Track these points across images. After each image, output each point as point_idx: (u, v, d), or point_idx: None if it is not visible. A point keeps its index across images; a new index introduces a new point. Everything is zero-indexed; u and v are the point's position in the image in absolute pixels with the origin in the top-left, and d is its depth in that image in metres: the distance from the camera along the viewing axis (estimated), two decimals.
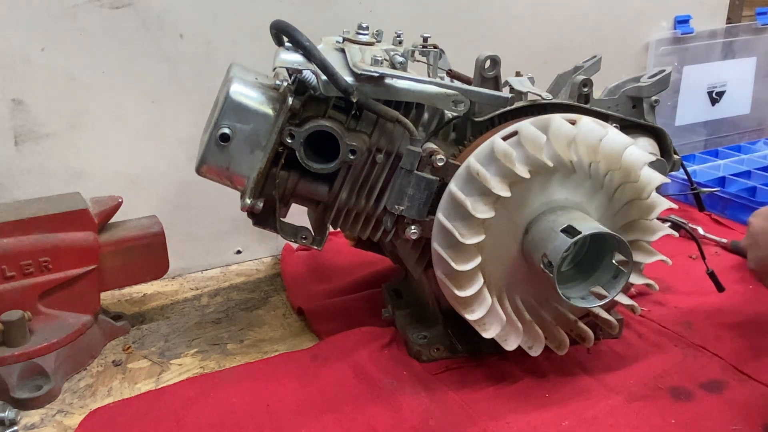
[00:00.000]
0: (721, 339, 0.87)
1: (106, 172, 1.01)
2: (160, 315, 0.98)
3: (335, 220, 0.79)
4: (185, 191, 1.06)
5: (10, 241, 0.80)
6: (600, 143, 0.70)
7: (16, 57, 0.92)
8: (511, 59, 0.81)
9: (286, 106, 0.71)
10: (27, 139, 0.96)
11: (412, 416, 0.73)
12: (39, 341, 0.79)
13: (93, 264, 0.85)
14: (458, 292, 0.72)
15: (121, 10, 0.96)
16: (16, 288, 0.80)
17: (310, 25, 0.76)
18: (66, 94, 0.96)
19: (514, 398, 0.76)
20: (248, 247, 1.15)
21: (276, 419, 0.73)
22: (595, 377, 0.80)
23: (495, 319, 0.74)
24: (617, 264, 0.71)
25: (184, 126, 1.02)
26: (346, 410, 0.74)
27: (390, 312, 0.90)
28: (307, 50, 0.69)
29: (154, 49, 0.99)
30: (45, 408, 0.77)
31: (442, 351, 0.83)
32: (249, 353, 0.88)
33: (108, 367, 0.85)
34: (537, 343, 0.77)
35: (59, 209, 0.83)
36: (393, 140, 0.75)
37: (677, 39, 1.49)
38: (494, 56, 0.76)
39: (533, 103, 0.77)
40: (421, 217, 0.74)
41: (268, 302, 1.01)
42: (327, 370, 0.81)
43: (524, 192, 0.72)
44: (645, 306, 0.93)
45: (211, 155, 0.73)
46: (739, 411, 0.73)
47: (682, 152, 0.88)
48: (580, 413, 0.74)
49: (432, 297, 0.86)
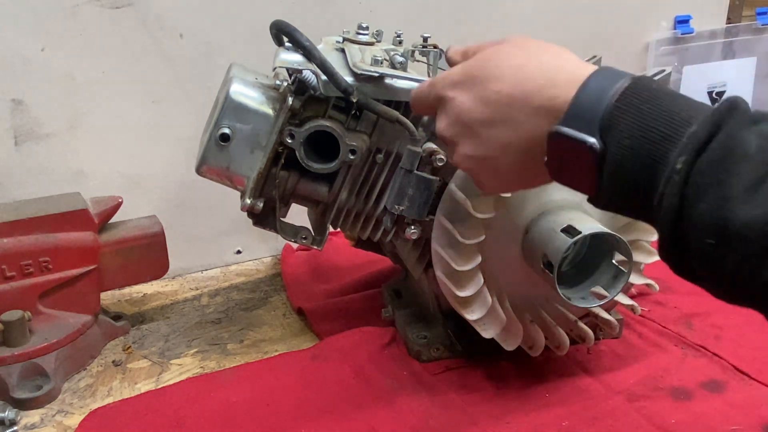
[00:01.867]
0: (721, 339, 0.87)
1: (106, 172, 1.01)
2: (160, 315, 0.98)
3: (335, 220, 0.79)
4: (185, 191, 1.06)
5: (10, 241, 0.80)
6: None
7: (16, 57, 0.92)
8: None
9: (286, 106, 0.71)
10: (27, 139, 0.96)
11: (412, 416, 0.73)
12: (39, 341, 0.79)
13: (93, 264, 0.85)
14: (458, 292, 0.72)
15: (121, 10, 0.96)
16: (16, 288, 0.80)
17: (310, 25, 0.75)
18: (66, 94, 0.96)
19: (514, 398, 0.76)
20: (248, 247, 1.15)
21: (276, 419, 0.73)
22: (595, 377, 0.80)
23: (495, 319, 0.74)
24: (617, 264, 0.71)
25: (184, 126, 1.02)
26: (346, 410, 0.74)
27: (390, 312, 0.90)
28: (307, 50, 0.69)
29: (154, 49, 0.99)
30: (45, 408, 0.77)
31: (442, 351, 0.83)
32: (249, 353, 0.88)
33: (108, 367, 0.85)
34: (537, 343, 0.77)
35: (59, 209, 0.83)
36: (393, 140, 0.75)
37: (677, 39, 1.49)
38: None
39: None
40: (421, 217, 0.74)
41: (268, 302, 1.01)
42: (327, 370, 0.81)
43: (524, 192, 0.72)
44: (645, 306, 0.93)
45: (211, 155, 0.73)
46: (739, 411, 0.73)
47: None
48: (580, 413, 0.74)
49: (432, 297, 0.86)
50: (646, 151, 0.40)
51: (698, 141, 0.39)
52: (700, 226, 0.38)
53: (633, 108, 0.42)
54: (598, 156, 0.42)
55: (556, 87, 0.46)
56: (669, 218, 0.40)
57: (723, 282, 0.40)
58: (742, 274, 0.38)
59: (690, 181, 0.39)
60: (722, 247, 0.38)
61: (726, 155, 0.38)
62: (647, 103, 0.41)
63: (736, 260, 0.37)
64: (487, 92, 0.49)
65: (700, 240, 0.39)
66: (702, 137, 0.39)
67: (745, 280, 0.38)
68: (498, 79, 0.48)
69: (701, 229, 0.38)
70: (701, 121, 0.40)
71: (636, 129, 0.41)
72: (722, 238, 0.37)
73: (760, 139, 0.38)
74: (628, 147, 0.41)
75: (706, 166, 0.38)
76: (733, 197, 0.37)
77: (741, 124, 0.39)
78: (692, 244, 0.39)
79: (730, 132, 0.39)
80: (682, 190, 0.39)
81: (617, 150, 0.42)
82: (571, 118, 0.44)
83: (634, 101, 0.42)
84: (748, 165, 0.37)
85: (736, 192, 0.37)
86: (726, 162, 0.38)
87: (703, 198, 0.38)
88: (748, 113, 0.40)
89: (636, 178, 0.41)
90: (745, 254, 0.37)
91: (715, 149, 0.38)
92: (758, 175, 0.37)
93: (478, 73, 0.50)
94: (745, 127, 0.39)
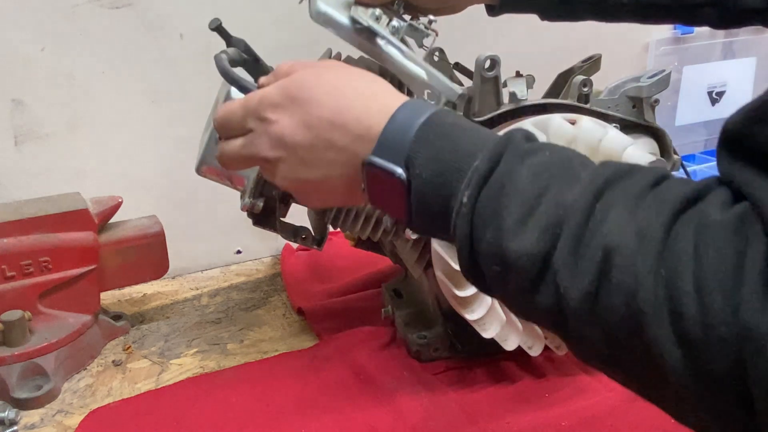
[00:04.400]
0: None
1: (106, 172, 1.01)
2: (160, 315, 0.98)
3: (335, 219, 0.79)
4: (185, 191, 1.06)
5: (10, 241, 0.80)
6: (600, 143, 0.70)
7: (16, 57, 0.92)
8: (511, 59, 0.81)
9: None
10: (27, 139, 0.96)
11: (412, 416, 0.73)
12: (39, 341, 0.79)
13: (93, 264, 0.85)
14: (458, 292, 0.72)
15: (121, 10, 0.96)
16: (16, 288, 0.80)
17: (310, 25, 0.75)
18: (66, 94, 0.96)
19: (514, 398, 0.76)
20: (248, 247, 1.15)
21: (276, 419, 0.73)
22: (595, 377, 0.80)
23: (495, 318, 0.74)
24: None
25: (184, 126, 1.02)
26: (346, 410, 0.74)
27: (390, 312, 0.90)
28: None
29: (154, 49, 0.99)
30: (45, 408, 0.77)
31: (442, 351, 0.83)
32: (249, 353, 0.88)
33: (108, 367, 0.85)
34: (537, 343, 0.77)
35: (59, 209, 0.83)
36: None
37: (677, 39, 1.49)
38: (494, 56, 0.76)
39: (533, 103, 0.77)
40: None
41: (268, 302, 1.01)
42: (327, 370, 0.81)
43: None
44: None
45: (211, 155, 0.73)
46: None
47: (682, 152, 0.88)
48: (580, 413, 0.73)
49: (432, 297, 0.86)
50: (440, 184, 0.43)
51: (480, 176, 0.42)
52: (487, 254, 0.41)
53: (428, 143, 0.44)
54: (406, 186, 0.45)
55: (370, 117, 0.47)
56: (464, 245, 0.43)
57: (510, 303, 0.44)
58: (522, 298, 0.41)
59: (475, 213, 0.42)
60: (505, 274, 0.41)
61: (500, 190, 0.41)
62: (441, 139, 0.44)
63: (515, 287, 0.41)
64: (310, 117, 0.49)
65: (488, 267, 0.42)
66: (483, 171, 0.42)
67: (525, 304, 0.41)
68: (319, 104, 0.49)
69: (487, 257, 0.41)
70: (482, 156, 0.42)
71: (432, 162, 0.44)
72: (503, 266, 0.40)
73: (530, 173, 0.40)
74: (426, 180, 0.44)
75: (486, 201, 0.41)
76: (506, 229, 0.39)
77: (516, 157, 0.42)
78: (483, 269, 0.42)
79: (505, 167, 0.41)
80: (471, 221, 0.42)
81: (418, 182, 0.44)
82: (381, 149, 0.46)
83: (430, 136, 0.44)
84: (519, 199, 0.40)
85: (509, 225, 0.39)
86: (501, 197, 0.40)
87: (486, 229, 0.41)
88: (522, 146, 0.43)
89: (436, 208, 0.44)
90: (520, 281, 0.40)
91: (492, 184, 0.41)
92: (526, 209, 0.39)
93: (298, 95, 0.50)
94: (518, 161, 0.41)
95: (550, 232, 0.38)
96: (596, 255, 0.36)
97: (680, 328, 0.33)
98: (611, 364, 0.39)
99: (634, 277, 0.35)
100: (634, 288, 0.35)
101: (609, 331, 0.37)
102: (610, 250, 0.36)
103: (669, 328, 0.34)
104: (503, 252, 0.40)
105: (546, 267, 0.38)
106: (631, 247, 0.35)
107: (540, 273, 0.39)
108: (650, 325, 0.34)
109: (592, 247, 0.37)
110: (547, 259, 0.38)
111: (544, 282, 0.39)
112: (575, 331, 0.39)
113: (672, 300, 0.34)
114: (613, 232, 0.36)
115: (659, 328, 0.34)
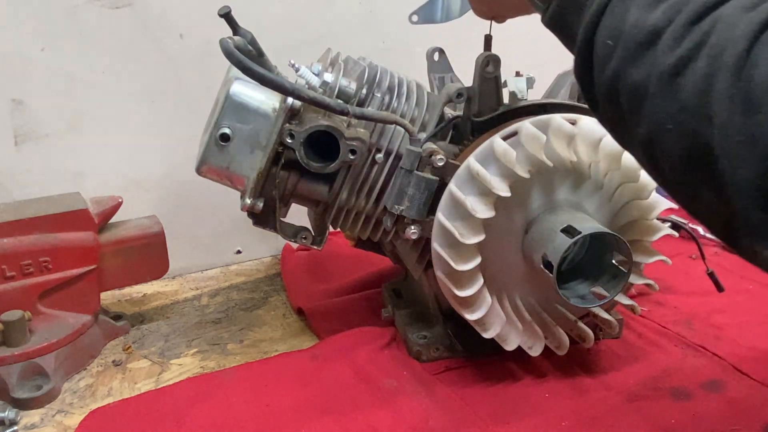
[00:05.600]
0: (721, 339, 0.87)
1: (106, 172, 1.01)
2: (160, 315, 0.98)
3: (335, 220, 0.79)
4: (185, 191, 1.06)
5: (10, 241, 0.80)
6: (600, 143, 0.70)
7: (16, 57, 0.92)
8: (511, 59, 0.81)
9: (286, 106, 0.71)
10: (27, 139, 0.96)
11: (412, 416, 0.73)
12: (39, 341, 0.79)
13: (93, 264, 0.85)
14: (458, 292, 0.72)
15: (121, 10, 0.96)
16: (16, 288, 0.80)
17: (309, 26, 0.76)
18: (66, 94, 0.96)
19: (514, 398, 0.76)
20: (248, 247, 1.15)
21: (276, 419, 0.73)
22: (595, 377, 0.80)
23: (495, 319, 0.74)
24: (617, 264, 0.71)
25: (184, 126, 1.02)
26: (346, 410, 0.74)
27: (390, 312, 0.90)
28: (296, 93, 0.66)
29: (154, 49, 0.99)
30: (45, 408, 0.77)
31: (442, 351, 0.83)
32: (249, 353, 0.88)
33: (108, 367, 0.85)
34: (537, 343, 0.77)
35: (59, 209, 0.83)
36: (393, 140, 0.75)
37: None
38: (494, 56, 0.76)
39: (533, 103, 0.77)
40: (421, 217, 0.74)
41: (268, 302, 1.01)
42: (327, 370, 0.81)
43: (524, 192, 0.72)
44: (645, 306, 0.93)
45: (211, 155, 0.73)
46: (739, 411, 0.73)
47: None
48: (580, 413, 0.73)
49: (432, 297, 0.86)
50: None
51: None
52: (605, 28, 0.44)
53: None
54: None
55: None
56: (593, 17, 0.45)
57: (601, 85, 0.45)
58: (618, 73, 0.43)
59: None
60: (614, 48, 0.43)
61: None
62: None
63: (618, 59, 0.43)
64: None
65: (602, 41, 0.44)
66: None
67: (618, 79, 0.43)
68: None
69: (605, 30, 0.44)
70: None
71: None
72: (616, 39, 0.43)
73: None
74: None
75: None
76: (635, 4, 0.42)
77: None
78: (596, 47, 0.44)
79: None
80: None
81: None
82: None
83: None
84: None
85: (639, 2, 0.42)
86: None
87: (616, 5, 0.44)
88: None
89: None
90: (624, 53, 0.42)
91: None
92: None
93: None
94: None
95: (674, 9, 0.40)
96: (704, 26, 0.39)
97: (745, 88, 0.35)
98: (676, 140, 0.40)
99: (728, 41, 0.37)
100: (723, 48, 0.37)
101: (685, 99, 0.38)
102: (717, 20, 0.38)
103: (737, 85, 0.36)
104: (621, 24, 0.42)
105: (657, 37, 0.40)
106: (734, 20, 0.38)
107: (649, 41, 0.41)
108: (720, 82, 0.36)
109: (704, 23, 0.39)
110: (659, 32, 0.40)
111: (649, 50, 0.41)
112: (653, 106, 0.40)
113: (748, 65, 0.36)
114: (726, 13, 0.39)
115: (729, 86, 0.36)
